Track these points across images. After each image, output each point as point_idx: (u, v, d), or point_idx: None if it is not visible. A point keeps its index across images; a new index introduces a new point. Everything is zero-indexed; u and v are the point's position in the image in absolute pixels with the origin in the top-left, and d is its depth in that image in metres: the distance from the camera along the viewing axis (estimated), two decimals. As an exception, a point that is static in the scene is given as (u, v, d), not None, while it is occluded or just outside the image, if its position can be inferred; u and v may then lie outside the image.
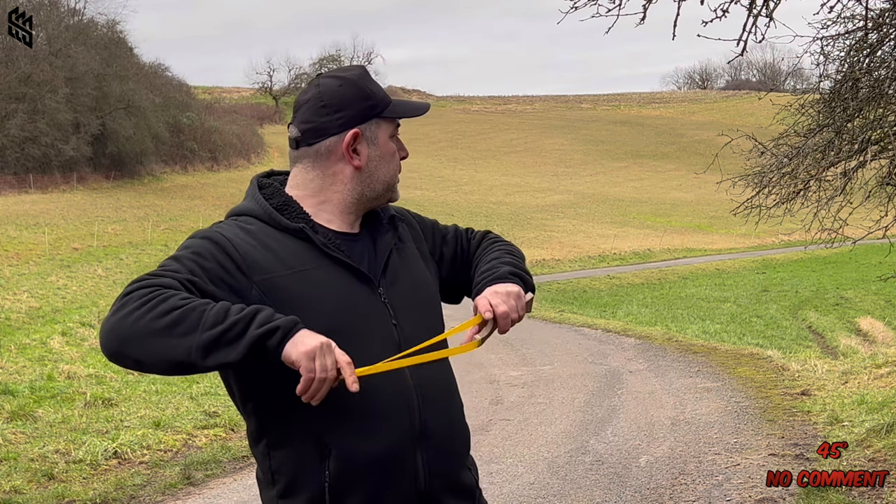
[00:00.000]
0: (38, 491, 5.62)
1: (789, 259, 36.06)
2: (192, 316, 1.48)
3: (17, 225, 31.70)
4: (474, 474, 1.87)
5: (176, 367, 1.50)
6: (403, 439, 1.68)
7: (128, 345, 1.49)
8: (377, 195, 1.80)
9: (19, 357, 11.94)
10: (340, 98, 1.74)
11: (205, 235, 1.69)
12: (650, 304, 21.86)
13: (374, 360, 1.65)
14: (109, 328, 1.50)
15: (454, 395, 1.83)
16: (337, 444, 1.65)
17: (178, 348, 1.47)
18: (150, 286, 1.53)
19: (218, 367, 1.53)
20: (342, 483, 1.65)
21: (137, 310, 1.49)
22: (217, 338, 1.47)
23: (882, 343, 14.10)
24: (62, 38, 43.96)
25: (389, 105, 1.78)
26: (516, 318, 1.72)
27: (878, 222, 6.69)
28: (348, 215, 1.79)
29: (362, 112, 1.74)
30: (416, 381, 1.72)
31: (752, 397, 8.15)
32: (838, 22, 5.97)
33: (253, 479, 6.43)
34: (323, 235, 1.73)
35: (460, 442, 1.82)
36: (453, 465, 1.79)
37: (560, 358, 11.52)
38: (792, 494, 5.03)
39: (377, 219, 1.84)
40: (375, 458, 1.66)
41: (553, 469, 5.93)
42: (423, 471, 1.71)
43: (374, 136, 1.76)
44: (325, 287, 1.67)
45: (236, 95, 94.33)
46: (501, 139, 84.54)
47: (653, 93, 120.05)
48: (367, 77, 1.80)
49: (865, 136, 5.83)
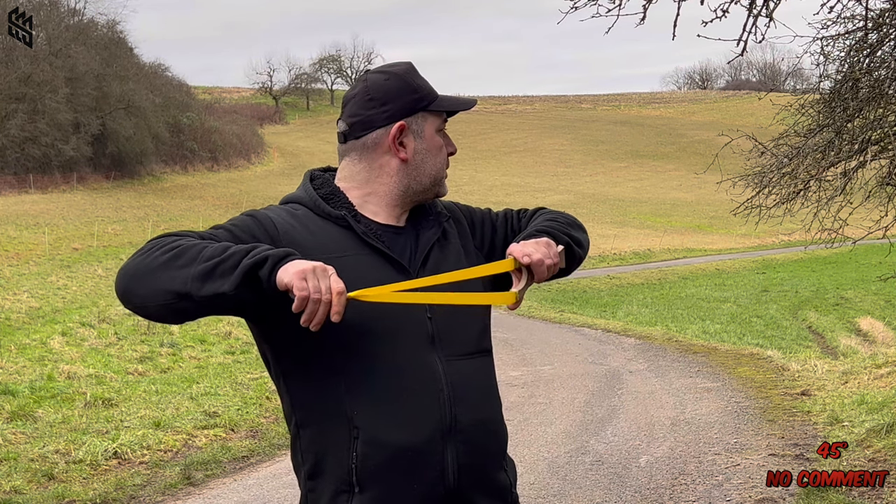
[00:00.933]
0: (38, 491, 5.62)
1: (789, 259, 36.06)
2: (192, 251, 1.54)
3: (17, 225, 31.71)
4: (510, 476, 1.84)
5: (174, 298, 1.52)
6: (433, 433, 1.67)
7: (133, 281, 1.55)
8: (424, 189, 1.80)
9: (19, 357, 11.94)
10: (386, 91, 1.75)
11: (249, 213, 1.74)
12: (650, 304, 21.86)
13: (404, 353, 1.67)
14: (121, 270, 1.58)
15: (491, 396, 1.81)
16: (365, 427, 1.65)
17: (177, 279, 1.51)
18: (165, 236, 1.61)
19: (214, 299, 1.52)
20: (368, 468, 1.65)
21: (147, 251, 1.57)
22: (213, 268, 1.51)
23: (882, 343, 14.10)
24: (62, 38, 43.96)
25: (436, 99, 1.79)
26: (552, 264, 1.69)
27: (878, 222, 6.70)
28: (394, 208, 1.79)
29: (408, 105, 1.75)
30: (449, 376, 1.71)
31: (752, 397, 8.15)
32: (838, 22, 5.98)
33: (253, 479, 6.41)
34: (365, 225, 1.74)
35: (495, 442, 1.79)
36: (485, 464, 1.76)
37: (560, 358, 11.52)
38: (792, 494, 5.04)
39: (424, 214, 1.83)
40: (402, 447, 1.65)
41: (553, 469, 5.93)
42: (451, 467, 1.69)
43: (420, 129, 1.77)
44: (359, 274, 1.67)
45: (236, 95, 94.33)
46: (501, 139, 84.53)
47: (653, 93, 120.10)
48: (414, 72, 1.81)
49: (865, 136, 5.83)
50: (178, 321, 1.61)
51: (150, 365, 11.89)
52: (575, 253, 1.87)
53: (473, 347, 1.77)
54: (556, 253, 1.71)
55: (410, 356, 1.69)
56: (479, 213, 1.99)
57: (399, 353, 1.68)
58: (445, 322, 1.74)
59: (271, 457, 6.68)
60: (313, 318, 1.50)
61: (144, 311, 1.58)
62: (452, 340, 1.73)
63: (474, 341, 1.78)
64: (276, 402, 8.53)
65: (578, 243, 1.89)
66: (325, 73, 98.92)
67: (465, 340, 1.76)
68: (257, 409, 8.18)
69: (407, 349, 1.68)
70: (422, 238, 1.79)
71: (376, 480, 1.66)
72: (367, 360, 1.67)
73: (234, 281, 1.50)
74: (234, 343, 14.12)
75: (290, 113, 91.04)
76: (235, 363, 11.97)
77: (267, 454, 6.74)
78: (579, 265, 1.96)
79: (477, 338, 1.79)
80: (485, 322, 1.84)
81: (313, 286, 1.49)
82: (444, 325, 1.73)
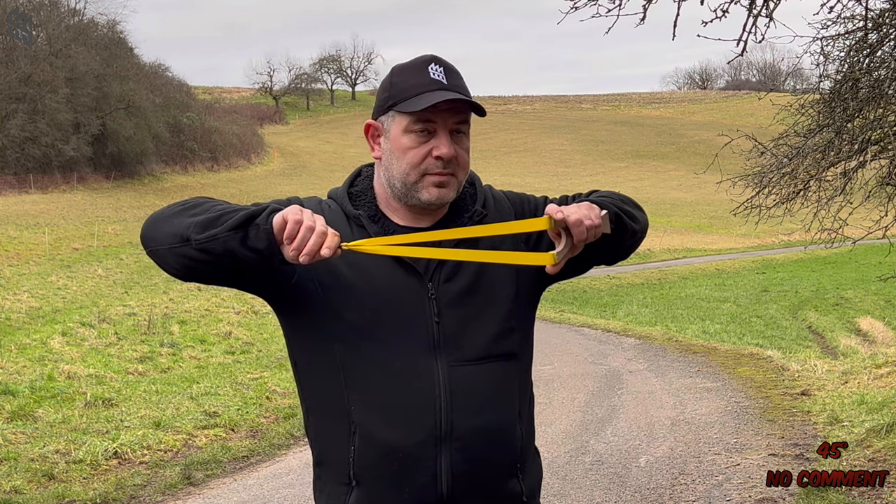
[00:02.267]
0: (38, 491, 5.62)
1: (789, 259, 36.02)
2: (208, 204, 1.62)
3: (17, 225, 31.72)
4: (526, 484, 1.77)
5: (178, 241, 1.56)
6: (425, 438, 1.66)
7: (151, 226, 1.63)
8: (398, 192, 1.72)
9: (19, 357, 11.93)
10: (379, 89, 1.80)
11: (288, 199, 1.74)
12: (650, 304, 21.85)
13: (404, 356, 1.67)
14: (148, 218, 1.68)
15: (501, 402, 1.73)
16: (362, 423, 1.68)
17: (183, 224, 1.57)
18: (197, 198, 1.70)
19: (208, 243, 1.54)
20: (364, 464, 1.68)
21: (173, 204, 1.67)
22: (217, 217, 1.55)
23: (882, 343, 14.09)
24: (62, 38, 43.99)
25: (407, 99, 1.68)
26: (591, 225, 1.58)
27: (878, 222, 6.69)
28: (399, 209, 1.75)
29: (381, 104, 1.75)
30: (450, 382, 1.67)
31: (752, 397, 8.15)
32: (838, 22, 5.98)
33: (253, 479, 6.42)
34: (381, 226, 1.73)
35: (500, 450, 1.72)
36: (486, 473, 1.70)
37: (560, 358, 11.52)
38: (792, 494, 5.04)
39: (459, 212, 1.77)
40: (393, 447, 1.66)
41: (553, 469, 5.93)
42: (445, 474, 1.67)
43: (388, 128, 1.73)
44: (367, 275, 1.68)
45: (236, 95, 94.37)
46: (501, 139, 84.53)
47: (653, 93, 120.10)
48: (414, 68, 1.72)
49: (865, 136, 5.83)
50: (185, 273, 1.62)
51: (150, 365, 11.89)
52: (626, 225, 1.76)
53: (484, 352, 1.71)
54: (597, 216, 1.61)
55: (409, 360, 1.67)
56: (532, 202, 1.87)
57: (398, 356, 1.68)
58: (454, 326, 1.70)
59: (271, 457, 6.68)
60: (303, 246, 1.49)
61: (157, 256, 1.62)
62: (460, 345, 1.69)
63: (486, 346, 1.71)
64: (276, 402, 8.54)
65: (630, 216, 1.79)
66: (325, 73, 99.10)
67: (474, 345, 1.70)
68: (257, 409, 8.18)
69: (407, 353, 1.67)
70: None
71: (372, 477, 1.68)
72: (367, 360, 1.68)
73: (230, 225, 1.52)
74: (234, 343, 14.13)
75: (291, 113, 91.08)
76: (235, 363, 11.97)
77: (267, 454, 6.74)
78: (636, 242, 1.86)
79: (490, 342, 1.72)
80: (508, 325, 1.75)
81: (308, 216, 1.51)
82: (453, 329, 1.69)
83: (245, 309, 17.91)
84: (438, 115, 1.68)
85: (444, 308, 1.69)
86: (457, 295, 1.71)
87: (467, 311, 1.71)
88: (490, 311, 1.73)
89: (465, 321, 1.70)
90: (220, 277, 1.64)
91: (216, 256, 1.55)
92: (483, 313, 1.72)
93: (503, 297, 1.75)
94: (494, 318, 1.73)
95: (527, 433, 1.79)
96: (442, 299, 1.70)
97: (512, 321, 1.76)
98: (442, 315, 1.69)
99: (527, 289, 1.80)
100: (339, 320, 1.68)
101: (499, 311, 1.74)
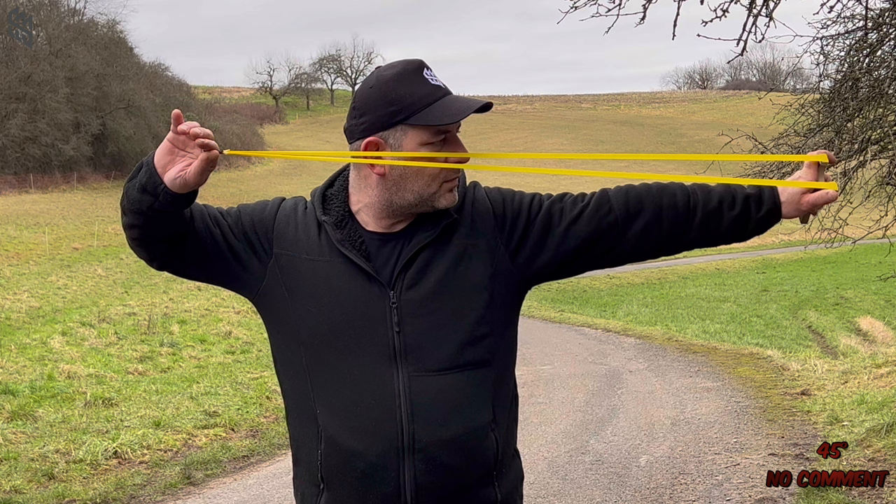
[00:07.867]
0: (38, 491, 5.62)
1: (789, 259, 36.01)
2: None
3: (17, 225, 31.72)
4: (502, 490, 1.72)
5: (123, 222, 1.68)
6: (387, 449, 1.63)
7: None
8: (409, 204, 1.66)
9: (19, 357, 11.93)
10: (365, 101, 1.66)
11: (273, 199, 1.82)
12: (650, 303, 21.86)
13: (363, 367, 1.66)
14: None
15: (468, 411, 1.66)
16: (326, 427, 1.68)
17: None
18: None
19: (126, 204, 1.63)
20: (330, 467, 1.69)
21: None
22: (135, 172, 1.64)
23: (882, 343, 14.10)
24: (62, 38, 44.00)
25: (420, 111, 1.61)
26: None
27: (878, 222, 6.69)
28: (382, 219, 1.70)
29: (384, 118, 1.63)
30: (411, 393, 1.63)
31: (752, 397, 8.15)
32: (838, 22, 5.97)
33: (253, 478, 6.42)
34: (349, 232, 1.69)
35: (469, 459, 1.66)
36: (453, 482, 1.66)
37: (560, 358, 11.52)
38: (792, 494, 5.04)
39: (429, 217, 1.69)
40: (356, 455, 1.65)
41: (553, 469, 5.93)
42: (409, 486, 1.64)
43: (398, 143, 1.63)
44: (328, 282, 1.68)
45: (236, 95, 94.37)
46: (501, 139, 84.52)
47: (653, 93, 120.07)
48: (409, 76, 1.64)
49: (865, 136, 5.83)
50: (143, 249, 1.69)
51: (150, 365, 11.90)
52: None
53: (448, 363, 1.65)
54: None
55: (369, 370, 1.65)
56: (517, 201, 1.77)
57: (358, 367, 1.66)
58: (416, 336, 1.65)
59: (271, 456, 6.68)
60: (192, 130, 1.58)
61: (126, 233, 1.69)
62: (423, 355, 1.64)
63: (451, 356, 1.65)
64: (276, 401, 8.54)
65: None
66: (325, 73, 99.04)
67: (438, 356, 1.64)
68: (257, 409, 8.18)
69: (366, 363, 1.65)
70: (412, 242, 1.68)
71: (338, 482, 1.69)
72: (329, 367, 1.68)
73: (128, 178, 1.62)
74: (234, 343, 14.13)
75: (290, 113, 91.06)
76: (235, 363, 11.97)
77: (267, 454, 6.74)
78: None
79: (455, 352, 1.65)
80: (479, 332, 1.68)
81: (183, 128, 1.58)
82: (415, 339, 1.65)
83: (245, 308, 17.91)
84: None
85: (405, 317, 1.65)
86: (420, 303, 1.65)
87: (432, 320, 1.65)
88: (457, 318, 1.66)
89: (428, 330, 1.65)
90: (191, 264, 1.73)
91: (142, 217, 1.62)
92: (449, 321, 1.66)
93: (474, 303, 1.68)
94: (462, 326, 1.66)
95: (503, 439, 1.73)
96: (404, 308, 1.65)
97: (484, 327, 1.68)
98: (403, 324, 1.65)
99: (502, 292, 1.71)
100: (302, 326, 1.69)
101: (468, 318, 1.67)
